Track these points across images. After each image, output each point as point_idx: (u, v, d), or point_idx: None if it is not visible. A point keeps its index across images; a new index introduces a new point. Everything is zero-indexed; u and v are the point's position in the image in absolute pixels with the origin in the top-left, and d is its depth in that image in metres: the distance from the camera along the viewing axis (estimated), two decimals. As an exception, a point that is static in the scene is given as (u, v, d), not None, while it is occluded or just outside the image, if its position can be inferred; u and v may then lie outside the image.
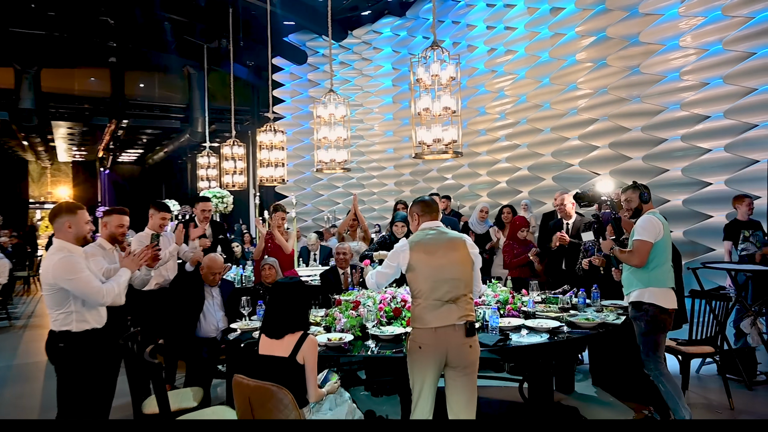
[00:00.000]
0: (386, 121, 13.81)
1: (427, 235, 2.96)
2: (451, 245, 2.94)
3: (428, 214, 3.06)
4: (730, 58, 7.59)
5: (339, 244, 5.14)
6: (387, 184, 13.91)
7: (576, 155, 9.77)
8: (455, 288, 2.86)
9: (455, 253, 2.92)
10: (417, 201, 3.16)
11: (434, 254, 2.87)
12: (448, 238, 2.97)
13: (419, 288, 2.84)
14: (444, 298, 2.82)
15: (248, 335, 3.55)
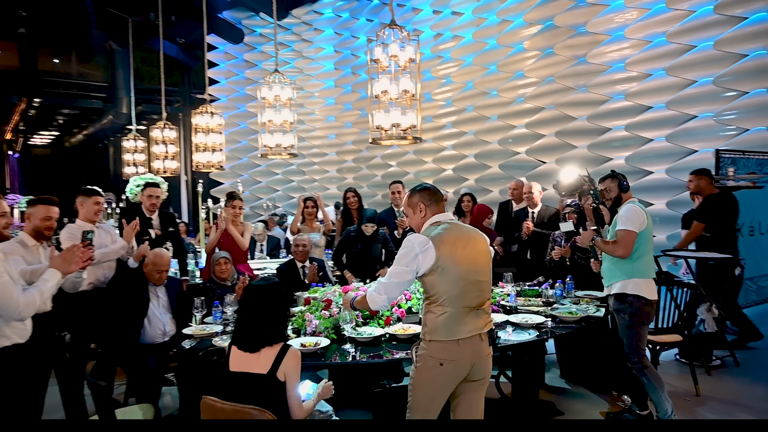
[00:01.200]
0: (328, 106, 13.36)
1: (445, 228, 2.44)
2: (474, 240, 2.49)
3: (437, 204, 2.54)
4: (672, 50, 7.80)
5: (297, 235, 4.75)
6: (329, 170, 13.49)
7: (522, 143, 9.82)
8: (484, 291, 2.47)
9: (480, 250, 2.49)
10: (420, 189, 2.59)
11: (462, 252, 2.40)
12: (469, 232, 2.52)
13: (444, 293, 2.35)
14: (473, 303, 2.41)
15: (207, 342, 3.12)
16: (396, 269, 2.44)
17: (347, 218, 5.49)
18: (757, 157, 6.51)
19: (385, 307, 2.53)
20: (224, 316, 3.55)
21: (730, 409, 3.84)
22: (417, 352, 2.45)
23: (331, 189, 13.34)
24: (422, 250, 2.35)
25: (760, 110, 7.06)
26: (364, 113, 12.63)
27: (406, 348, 3.07)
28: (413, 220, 2.63)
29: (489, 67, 10.22)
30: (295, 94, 8.03)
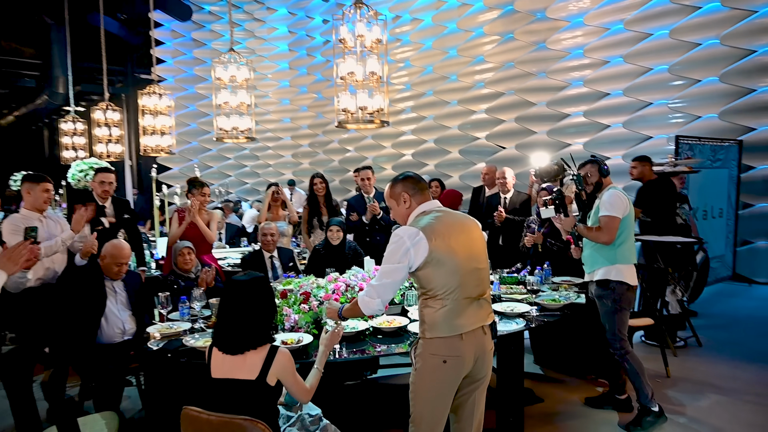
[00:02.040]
0: (282, 89, 12.92)
1: (435, 217, 2.25)
2: (467, 227, 2.31)
3: (421, 193, 2.35)
4: (629, 37, 7.93)
5: (264, 223, 4.48)
6: (284, 155, 13.10)
7: (482, 128, 9.81)
8: (483, 280, 2.30)
9: (474, 236, 2.32)
10: (402, 179, 2.39)
11: (456, 240, 2.21)
12: (461, 219, 2.35)
13: (441, 287, 2.18)
14: (473, 294, 2.23)
15: (177, 342, 2.86)
16: (387, 268, 2.23)
17: (313, 205, 5.26)
18: (712, 144, 6.72)
19: (380, 310, 2.31)
20: (192, 311, 3.29)
21: (701, 389, 3.93)
22: (416, 352, 2.26)
23: (286, 174, 12.95)
24: (413, 243, 2.16)
25: (712, 98, 7.29)
26: (320, 96, 12.31)
27: (390, 342, 2.93)
28: (398, 212, 2.41)
29: (449, 51, 10.12)
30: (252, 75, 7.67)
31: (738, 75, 7.03)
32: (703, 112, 7.40)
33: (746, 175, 7.08)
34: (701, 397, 3.84)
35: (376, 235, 5.05)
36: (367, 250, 4.99)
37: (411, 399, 2.28)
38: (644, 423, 3.34)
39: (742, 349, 4.77)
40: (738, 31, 6.92)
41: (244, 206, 11.56)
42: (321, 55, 12.13)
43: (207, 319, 3.33)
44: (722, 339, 5.06)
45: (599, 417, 3.56)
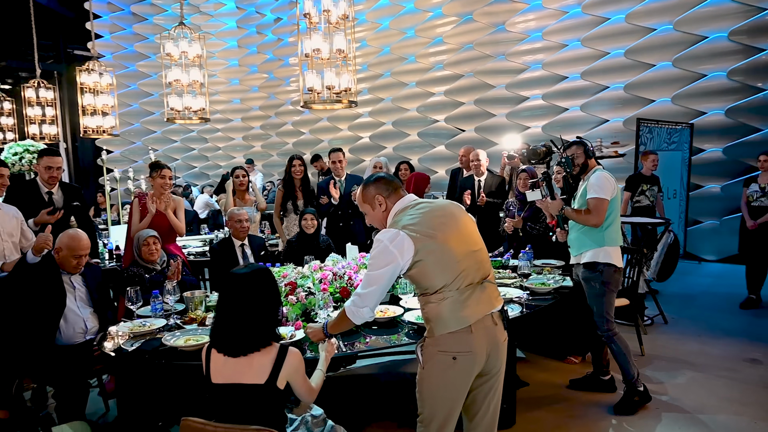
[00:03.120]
0: (231, 68, 12.36)
1: (417, 211, 2.11)
2: (448, 212, 2.15)
3: (395, 192, 2.21)
4: (587, 21, 8.03)
5: (234, 209, 4.17)
6: (234, 138, 12.58)
7: (441, 111, 9.74)
8: (482, 262, 2.14)
9: (460, 218, 2.16)
10: (373, 181, 2.24)
11: (442, 229, 2.06)
12: (440, 205, 2.19)
13: (441, 279, 2.03)
14: (475, 278, 2.07)
15: (155, 342, 2.58)
16: (372, 275, 2.07)
17: (289, 188, 4.99)
18: (668, 127, 6.93)
19: (371, 317, 2.17)
20: (165, 306, 3.01)
21: (676, 367, 4.04)
22: (423, 351, 2.11)
23: (237, 158, 12.46)
24: (396, 245, 2.02)
25: (665, 82, 7.51)
26: (272, 76, 11.85)
27: (385, 333, 2.79)
28: (374, 217, 2.27)
29: (406, 32, 9.94)
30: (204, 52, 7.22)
31: (690, 60, 7.26)
32: (656, 96, 7.62)
33: (696, 157, 7.36)
34: (677, 374, 3.93)
35: (350, 220, 4.86)
36: (342, 236, 4.81)
37: (419, 399, 2.15)
38: (631, 403, 3.37)
39: (705, 325, 4.96)
40: (690, 17, 7.13)
41: (194, 191, 11.03)
42: (272, 33, 11.65)
43: (182, 315, 3.07)
44: (685, 316, 5.24)
45: (585, 399, 3.58)
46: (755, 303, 5.48)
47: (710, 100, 7.22)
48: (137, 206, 4.23)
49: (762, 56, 6.80)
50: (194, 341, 2.55)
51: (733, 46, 6.96)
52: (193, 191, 10.72)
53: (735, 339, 4.59)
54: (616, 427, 3.22)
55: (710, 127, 7.26)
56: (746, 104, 6.92)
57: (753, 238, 5.47)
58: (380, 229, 2.33)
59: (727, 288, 6.21)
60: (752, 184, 5.53)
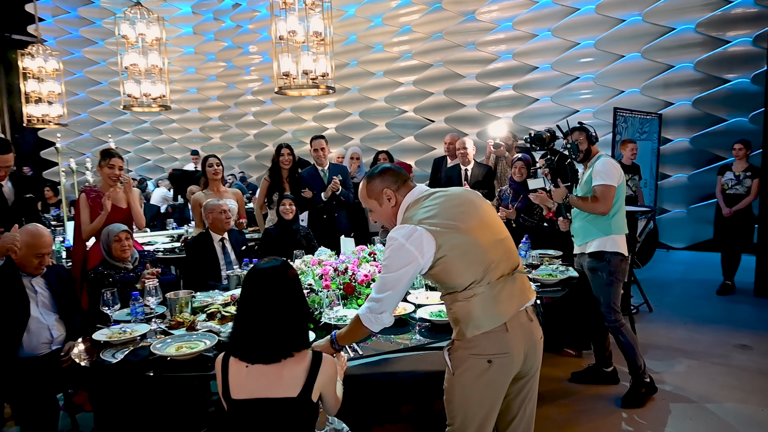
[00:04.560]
0: (186, 56, 11.73)
1: (432, 201, 1.89)
2: (466, 200, 1.94)
3: (404, 184, 1.99)
4: (557, 11, 8.01)
5: (210, 200, 3.82)
6: (191, 129, 11.99)
7: (410, 101, 9.55)
8: (511, 250, 1.94)
9: (480, 206, 1.95)
10: (379, 173, 2.01)
11: (464, 218, 1.85)
12: (456, 192, 1.97)
13: (470, 275, 1.81)
14: (506, 269, 1.87)
15: (144, 352, 2.26)
16: (389, 278, 1.84)
17: (275, 178, 4.64)
18: (640, 117, 6.99)
19: (390, 321, 1.93)
20: (147, 309, 2.68)
21: (671, 355, 4.01)
22: (452, 356, 1.90)
23: (198, 152, 11.86)
24: (413, 242, 1.80)
25: (634, 73, 7.58)
26: (231, 65, 11.35)
27: (396, 332, 2.55)
28: (382, 213, 2.03)
29: (373, 20, 9.68)
30: (165, 36, 6.73)
31: (658, 51, 7.35)
32: (626, 86, 7.69)
33: (665, 147, 7.48)
34: (675, 363, 3.90)
35: (334, 211, 4.59)
36: (324, 228, 4.53)
37: (449, 410, 1.93)
38: (639, 396, 3.29)
39: (688, 312, 4.99)
40: (659, 8, 7.21)
41: (150, 185, 10.43)
42: (230, 20, 11.13)
43: (163, 318, 2.74)
44: (666, 304, 5.27)
45: (590, 392, 3.48)
46: (730, 289, 5.58)
47: (678, 91, 7.33)
48: (85, 202, 3.79)
49: (727, 48, 6.95)
50: (187, 348, 2.24)
51: (700, 37, 7.09)
52: (149, 185, 10.12)
53: (720, 325, 4.63)
54: (627, 420, 3.12)
55: (678, 117, 7.38)
56: (712, 95, 7.07)
57: (728, 226, 5.56)
58: (387, 226, 2.10)
59: (700, 275, 6.33)
60: (727, 172, 5.62)
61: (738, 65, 6.90)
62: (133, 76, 6.57)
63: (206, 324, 2.53)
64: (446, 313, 1.97)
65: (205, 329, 2.49)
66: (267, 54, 10.83)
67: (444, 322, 2.54)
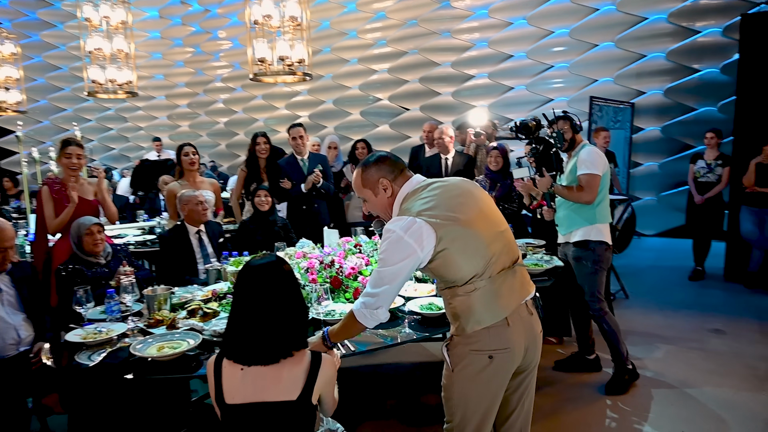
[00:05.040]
0: (152, 41, 11.31)
1: (430, 192, 1.82)
2: (465, 190, 1.87)
3: (401, 174, 1.91)
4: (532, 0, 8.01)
5: (186, 191, 3.66)
6: (157, 117, 11.60)
7: (385, 89, 9.45)
8: (511, 243, 1.89)
9: (480, 197, 1.88)
10: (375, 162, 1.92)
11: (464, 209, 1.78)
12: (455, 183, 1.90)
13: (471, 269, 1.75)
14: (507, 263, 1.82)
15: (123, 353, 2.13)
16: (386, 272, 1.76)
17: (253, 169, 4.49)
18: (614, 106, 7.06)
19: (386, 317, 1.84)
20: (123, 307, 2.54)
21: (649, 341, 4.08)
22: (451, 352, 1.84)
23: (163, 139, 11.48)
24: (412, 234, 1.72)
25: (607, 62, 7.65)
26: (199, 50, 11.01)
27: (384, 327, 2.48)
28: (377, 204, 1.95)
29: (347, 6, 9.51)
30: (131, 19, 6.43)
31: (631, 41, 7.44)
32: (599, 75, 7.76)
33: (636, 135, 7.59)
34: (653, 348, 3.96)
35: (314, 202, 4.48)
36: (305, 219, 4.42)
37: (448, 406, 1.89)
38: (622, 383, 3.32)
39: (662, 298, 5.09)
40: (632, -3, 7.28)
41: (116, 175, 10.06)
42: (198, 4, 10.77)
43: (141, 316, 2.61)
44: (640, 290, 5.36)
45: (573, 380, 3.50)
46: (701, 274, 5.72)
47: (650, 80, 7.44)
48: (48, 195, 3.59)
49: (698, 38, 7.07)
50: (170, 349, 2.13)
51: (672, 27, 7.19)
52: (115, 175, 9.76)
53: (693, 311, 4.73)
54: (612, 408, 3.15)
55: (649, 106, 7.49)
56: (683, 84, 7.20)
57: (700, 213, 5.67)
58: (382, 218, 2.03)
59: (671, 261, 6.46)
60: (699, 160, 5.72)
61: (708, 55, 7.03)
62: (97, 61, 6.29)
63: (188, 322, 2.42)
64: (445, 307, 1.91)
65: (187, 327, 2.38)
66: (237, 39, 10.55)
67: (434, 315, 2.50)
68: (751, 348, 3.91)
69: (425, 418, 3.08)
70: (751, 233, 5.31)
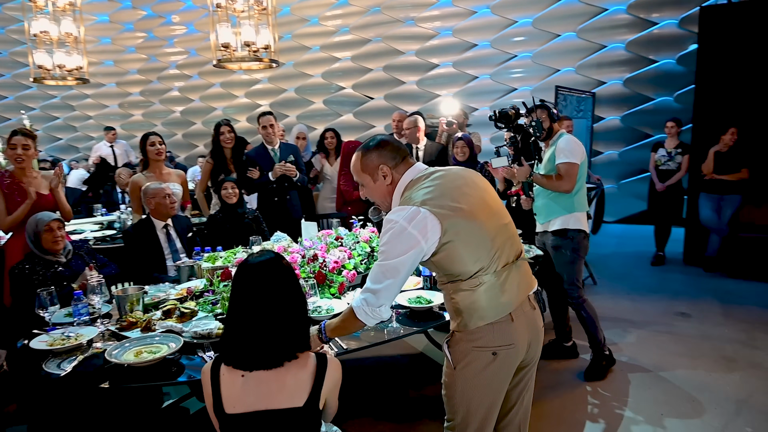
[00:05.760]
0: (100, 24, 10.72)
1: (433, 182, 1.73)
2: (469, 180, 1.80)
3: (404, 160, 1.81)
4: (496, -12, 8.01)
5: (151, 184, 3.44)
6: (108, 105, 11.04)
7: (348, 77, 9.29)
8: (514, 236, 1.83)
9: (484, 188, 1.82)
10: (375, 146, 1.82)
11: (469, 200, 1.71)
12: (459, 173, 1.81)
13: (474, 263, 1.68)
14: (511, 257, 1.76)
15: (98, 361, 1.97)
16: (388, 265, 1.67)
17: (219, 160, 4.28)
18: (577, 95, 7.17)
19: (388, 315, 1.79)
20: (91, 309, 2.36)
21: (621, 325, 4.17)
22: (452, 348, 1.78)
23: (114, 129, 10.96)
24: (416, 226, 1.64)
25: (569, 52, 7.76)
26: (151, 35, 10.52)
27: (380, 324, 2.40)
28: (375, 191, 1.85)
29: (308, -9, 9.27)
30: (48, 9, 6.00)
31: (592, 31, 7.56)
32: (561, 65, 7.86)
33: (597, 125, 7.75)
34: (625, 333, 4.05)
35: (286, 193, 4.34)
36: (277, 212, 4.28)
37: (449, 404, 1.82)
38: (600, 368, 3.37)
39: (629, 283, 5.23)
40: (593, -12, 7.39)
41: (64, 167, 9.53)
42: (151, -15, 10.28)
43: (110, 318, 2.44)
44: (606, 276, 5.49)
45: (552, 367, 3.53)
46: (662, 259, 5.90)
47: (610, 70, 7.59)
48: None
49: (655, 30, 7.25)
50: (148, 353, 1.99)
51: (631, 18, 7.35)
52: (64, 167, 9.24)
53: (659, 295, 4.88)
54: (592, 393, 3.19)
55: (610, 96, 7.65)
56: (641, 75, 7.38)
57: (661, 200, 5.84)
58: (379, 206, 1.95)
59: (632, 247, 6.65)
60: (660, 149, 5.88)
61: (664, 46, 7.23)
62: (43, 46, 5.89)
63: (165, 323, 2.27)
64: (446, 302, 1.83)
65: (164, 329, 2.24)
66: (192, 25, 10.14)
67: (423, 308, 2.44)
68: (716, 330, 4.05)
69: (412, 413, 3.04)
70: (709, 219, 5.51)
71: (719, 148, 5.34)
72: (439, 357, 3.71)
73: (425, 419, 2.94)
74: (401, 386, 3.38)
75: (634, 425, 2.84)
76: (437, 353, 3.71)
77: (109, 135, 8.44)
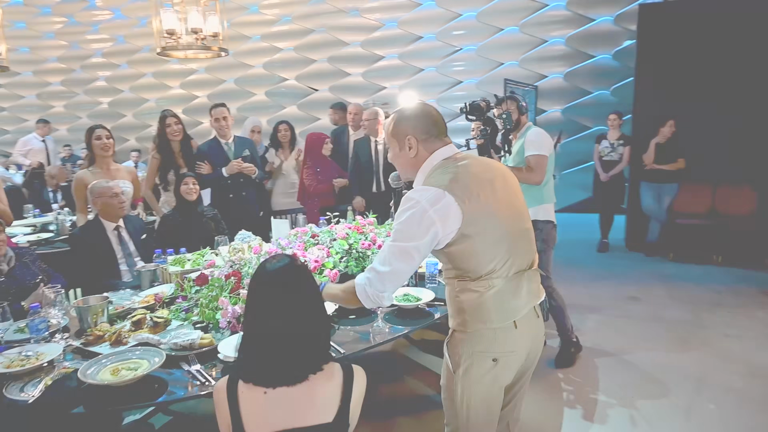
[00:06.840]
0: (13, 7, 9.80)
1: (459, 167, 1.62)
2: (499, 173, 1.70)
3: (438, 137, 1.69)
4: (440, -20, 8.04)
5: (98, 182, 3.13)
6: (24, 96, 10.19)
7: (291, 68, 9.04)
8: (532, 243, 1.76)
9: (512, 185, 1.72)
10: (409, 115, 1.71)
11: (495, 195, 1.61)
12: (489, 165, 1.72)
13: (488, 262, 1.59)
14: (524, 264, 1.68)
15: (71, 383, 1.74)
16: (400, 246, 1.56)
17: (167, 154, 3.98)
18: (522, 88, 7.34)
19: (389, 302, 1.65)
20: (50, 324, 2.11)
21: (579, 312, 4.30)
22: (452, 350, 1.71)
23: (29, 121, 10.11)
24: (438, 209, 1.52)
25: (513, 46, 7.93)
26: (73, 21, 9.76)
27: (358, 323, 2.32)
28: (398, 158, 1.74)
29: (246, -22, 8.91)
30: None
31: (534, 26, 7.76)
32: (505, 58, 8.02)
33: (540, 117, 7.99)
34: (585, 319, 4.19)
35: (242, 189, 4.13)
36: (232, 209, 4.06)
37: (448, 409, 1.76)
38: (569, 355, 3.46)
39: (579, 270, 5.42)
40: (534, -16, 7.57)
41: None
42: (72, -33, 9.51)
43: (68, 332, 2.20)
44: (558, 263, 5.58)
45: (522, 356, 3.58)
46: (607, 246, 6.18)
47: (551, 64, 7.82)
48: None
49: (592, 26, 7.54)
50: (127, 371, 1.80)
51: (570, 14, 7.60)
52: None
53: (609, 281, 5.09)
54: (565, 380, 3.27)
55: (551, 89, 7.89)
56: (580, 69, 7.66)
57: (605, 189, 6.10)
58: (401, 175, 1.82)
59: (576, 235, 6.90)
60: (603, 140, 6.13)
61: (601, 42, 7.53)
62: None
63: (139, 336, 2.07)
64: (448, 297, 1.74)
65: (138, 341, 2.04)
66: (120, 10, 9.49)
67: (411, 306, 2.38)
68: (666, 312, 4.28)
69: (385, 412, 2.97)
70: (650, 207, 5.81)
71: (659, 139, 5.64)
72: (410, 352, 3.68)
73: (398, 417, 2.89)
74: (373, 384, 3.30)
75: (609, 409, 2.94)
76: (409, 348, 3.68)
77: (44, 128, 7.77)
